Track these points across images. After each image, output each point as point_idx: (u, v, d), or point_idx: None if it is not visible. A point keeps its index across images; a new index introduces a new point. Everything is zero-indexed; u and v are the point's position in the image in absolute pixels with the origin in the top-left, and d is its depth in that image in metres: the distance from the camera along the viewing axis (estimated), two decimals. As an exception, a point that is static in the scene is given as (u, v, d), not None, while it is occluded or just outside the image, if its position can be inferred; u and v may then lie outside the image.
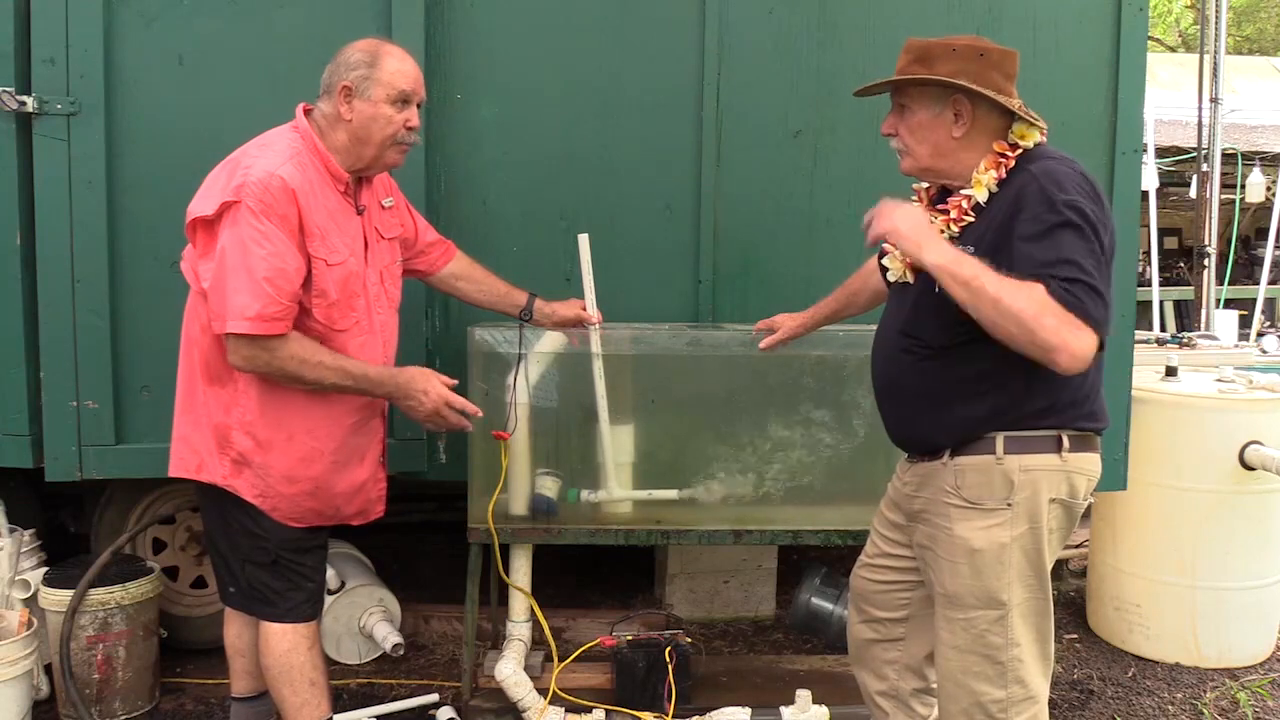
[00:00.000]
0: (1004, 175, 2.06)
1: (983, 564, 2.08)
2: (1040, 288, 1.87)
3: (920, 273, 2.17)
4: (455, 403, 2.48)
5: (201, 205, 2.29)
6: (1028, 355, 1.91)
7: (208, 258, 2.29)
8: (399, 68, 2.37)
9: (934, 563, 2.18)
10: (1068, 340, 1.85)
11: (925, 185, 2.26)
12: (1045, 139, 2.12)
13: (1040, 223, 1.94)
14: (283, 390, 2.36)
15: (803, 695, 2.90)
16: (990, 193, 2.07)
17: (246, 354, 2.27)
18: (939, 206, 2.17)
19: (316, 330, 2.34)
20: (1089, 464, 2.13)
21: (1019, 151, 2.08)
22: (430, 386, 2.44)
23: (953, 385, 2.11)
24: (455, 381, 2.50)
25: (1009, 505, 2.07)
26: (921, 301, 2.15)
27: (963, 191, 2.11)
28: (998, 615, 2.09)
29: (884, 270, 2.31)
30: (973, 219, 2.08)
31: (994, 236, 2.02)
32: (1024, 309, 1.86)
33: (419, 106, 2.44)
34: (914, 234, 2.00)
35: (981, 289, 1.89)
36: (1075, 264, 1.89)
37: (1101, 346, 1.91)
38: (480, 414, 2.57)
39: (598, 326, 2.86)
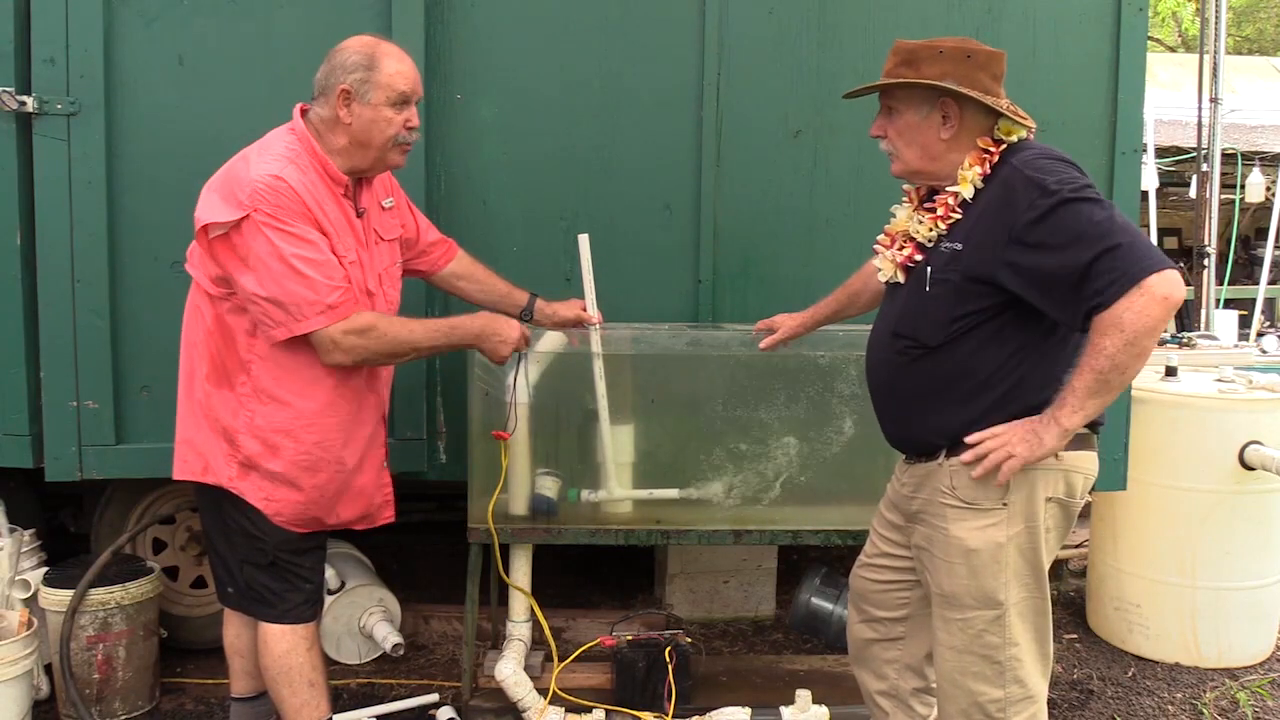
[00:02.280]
0: (988, 171, 2.07)
1: (979, 564, 2.09)
2: (1102, 318, 1.87)
3: (911, 272, 2.18)
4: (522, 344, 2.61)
5: (211, 213, 2.26)
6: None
7: (238, 272, 2.26)
8: (398, 68, 2.36)
9: (931, 563, 2.18)
10: (1156, 318, 1.85)
11: (915, 185, 2.27)
12: (1032, 137, 2.12)
13: (1049, 230, 1.93)
14: (291, 396, 2.36)
15: (803, 695, 2.90)
16: (975, 188, 2.07)
17: (345, 345, 2.29)
18: (926, 205, 2.18)
19: None
20: (1086, 462, 2.13)
21: (1003, 147, 2.08)
22: (509, 334, 2.55)
23: (946, 385, 2.11)
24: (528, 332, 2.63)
25: (1005, 505, 2.07)
26: (911, 301, 2.16)
27: (948, 189, 2.11)
28: (995, 615, 2.09)
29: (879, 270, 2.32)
30: (959, 215, 2.09)
31: (983, 231, 2.03)
32: (1121, 352, 1.87)
33: (416, 104, 2.43)
34: (1029, 443, 2.00)
35: (1108, 384, 1.91)
36: (1093, 247, 1.88)
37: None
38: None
39: (598, 326, 2.86)
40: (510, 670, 2.88)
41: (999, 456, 2.03)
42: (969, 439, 2.07)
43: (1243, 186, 8.11)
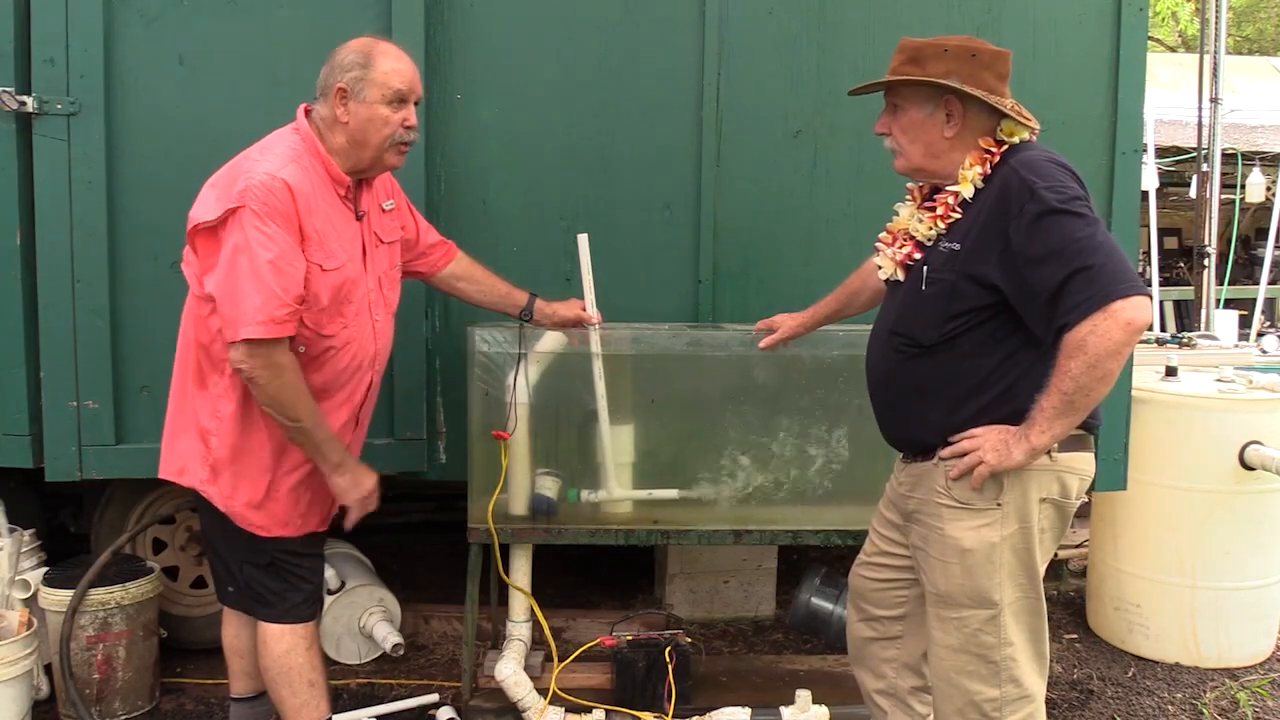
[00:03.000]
0: (989, 171, 2.07)
1: (973, 564, 2.09)
2: (1068, 340, 1.89)
3: (909, 270, 2.18)
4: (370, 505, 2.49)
5: (203, 211, 2.27)
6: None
7: (212, 269, 2.26)
8: (394, 67, 2.35)
9: (926, 563, 2.19)
10: (1118, 343, 1.87)
11: (919, 184, 2.27)
12: (1035, 139, 2.12)
13: (1030, 240, 1.94)
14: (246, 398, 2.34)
15: (803, 695, 2.90)
16: (976, 188, 2.08)
17: (261, 360, 2.23)
18: (927, 204, 2.19)
19: (303, 335, 2.32)
20: (1081, 463, 2.13)
21: (1004, 148, 2.09)
22: (364, 484, 2.44)
23: (941, 384, 2.12)
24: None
25: (999, 505, 2.08)
26: (909, 300, 2.17)
27: (949, 188, 2.12)
28: (989, 615, 2.09)
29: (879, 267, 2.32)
30: (959, 215, 2.09)
31: (980, 231, 2.04)
32: (1084, 374, 1.89)
33: (416, 104, 2.42)
34: (999, 453, 2.02)
35: (1073, 405, 1.93)
36: (1068, 265, 1.89)
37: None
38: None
39: (598, 326, 2.86)
40: (510, 670, 2.88)
41: (972, 460, 2.05)
42: (952, 438, 2.09)
43: (1243, 186, 8.12)
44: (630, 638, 3.02)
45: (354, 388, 2.49)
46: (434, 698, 3.23)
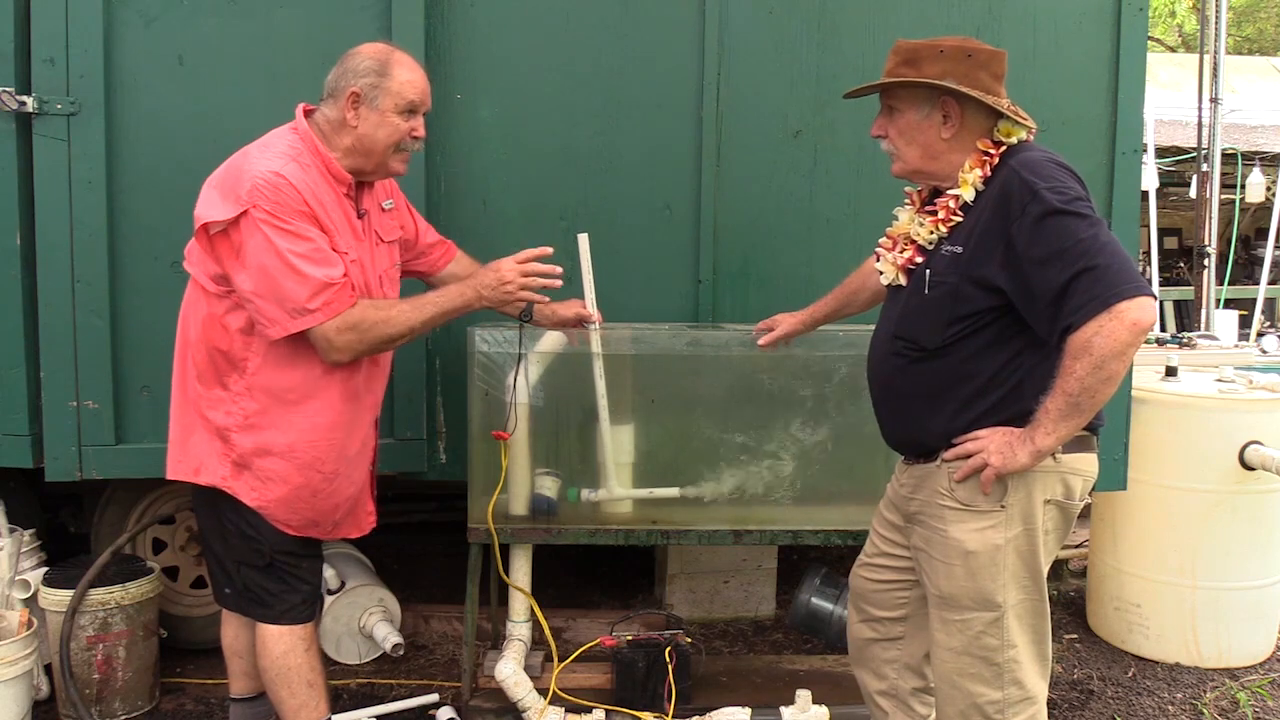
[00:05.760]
0: (989, 173, 2.07)
1: (977, 566, 2.09)
2: (1073, 340, 1.89)
3: (911, 274, 2.18)
4: (532, 270, 2.46)
5: (211, 210, 2.26)
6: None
7: (235, 271, 2.25)
8: (409, 78, 2.37)
9: (929, 565, 2.18)
10: (1123, 343, 1.86)
11: (918, 187, 2.27)
12: (1032, 138, 2.12)
13: (1034, 241, 1.93)
14: (285, 395, 2.35)
15: (803, 695, 2.90)
16: (976, 191, 2.07)
17: (339, 343, 2.27)
18: (927, 208, 2.18)
19: None
20: (1085, 464, 2.13)
21: (1003, 149, 2.08)
22: (504, 276, 2.43)
23: (944, 387, 2.11)
24: (534, 253, 2.48)
25: (1003, 507, 2.08)
26: (912, 303, 2.16)
27: (950, 191, 2.11)
28: (993, 617, 2.09)
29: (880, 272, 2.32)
30: (960, 218, 2.09)
31: (982, 233, 2.03)
32: (1089, 376, 1.88)
33: (424, 115, 2.43)
34: (1004, 455, 2.02)
35: (1078, 407, 1.93)
36: (1072, 265, 1.89)
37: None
38: (549, 252, 2.51)
39: (598, 326, 2.85)
40: (510, 670, 2.88)
41: (976, 463, 2.05)
42: (956, 440, 2.09)
43: (1243, 186, 8.13)
44: (630, 638, 3.02)
45: (370, 385, 2.50)
46: (434, 698, 3.23)
